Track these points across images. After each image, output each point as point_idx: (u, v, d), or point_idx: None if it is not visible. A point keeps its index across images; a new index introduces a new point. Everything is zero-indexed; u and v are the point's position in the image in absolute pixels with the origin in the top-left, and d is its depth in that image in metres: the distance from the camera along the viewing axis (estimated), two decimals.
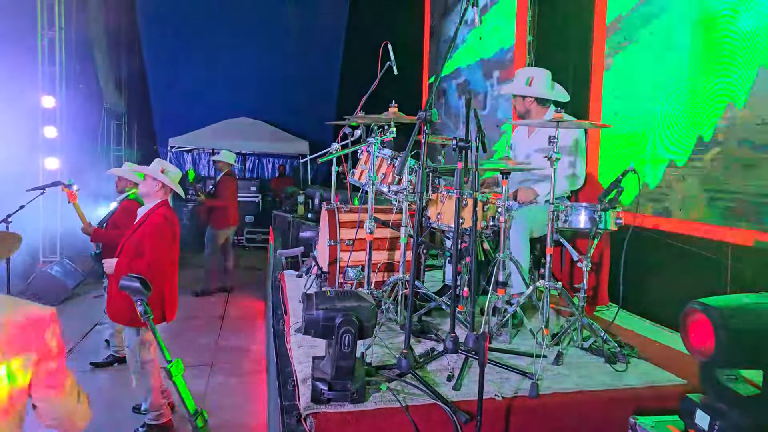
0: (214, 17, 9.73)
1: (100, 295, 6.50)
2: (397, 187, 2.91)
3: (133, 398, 4.14)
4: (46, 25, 8.47)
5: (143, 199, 3.77)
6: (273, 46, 9.95)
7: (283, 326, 3.08)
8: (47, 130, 8.08)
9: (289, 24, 9.80)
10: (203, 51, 9.99)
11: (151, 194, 3.70)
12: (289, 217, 6.60)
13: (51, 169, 7.89)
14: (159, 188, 3.73)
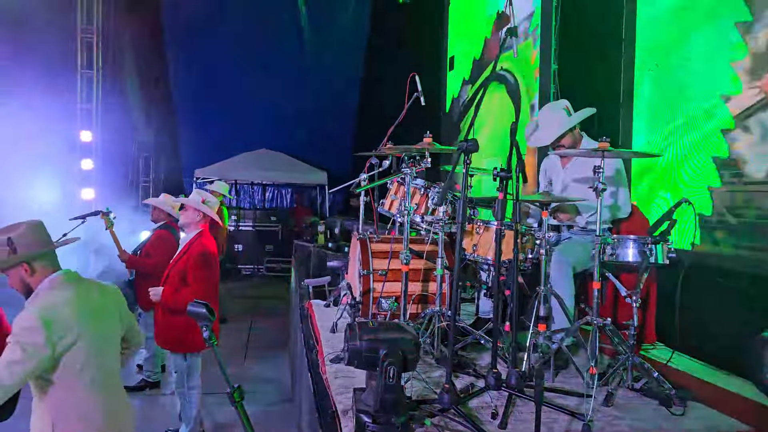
0: (235, 54, 9.92)
1: None
2: (431, 218, 2.77)
3: (168, 423, 4.00)
4: (84, 64, 8.64)
5: (184, 229, 3.70)
6: (293, 80, 10.07)
7: (316, 356, 2.91)
8: (84, 163, 8.16)
9: (308, 58, 9.94)
10: (226, 86, 10.16)
11: (192, 224, 3.67)
12: (309, 247, 6.47)
13: (87, 199, 7.93)
14: (200, 218, 3.70)
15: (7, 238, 2.03)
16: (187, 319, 3.50)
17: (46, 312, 1.97)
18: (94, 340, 2.09)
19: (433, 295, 2.83)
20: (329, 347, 2.99)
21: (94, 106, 8.66)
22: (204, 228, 3.74)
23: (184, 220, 3.72)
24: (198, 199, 3.72)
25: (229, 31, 9.61)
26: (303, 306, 4.01)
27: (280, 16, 9.74)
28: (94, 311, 2.12)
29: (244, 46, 9.44)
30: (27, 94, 6.73)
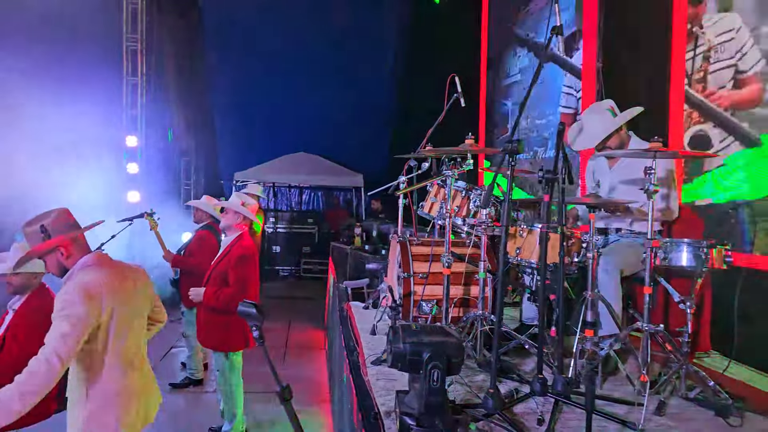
0: (273, 59, 10.11)
1: (177, 319, 6.61)
2: (473, 220, 2.76)
3: (211, 420, 4.12)
4: (130, 71, 9.01)
5: (225, 231, 3.80)
6: (330, 83, 10.20)
7: (357, 358, 2.94)
8: (130, 167, 8.50)
9: (345, 61, 10.04)
10: (264, 91, 10.36)
11: (232, 227, 3.75)
12: (346, 249, 6.54)
13: (133, 201, 8.24)
14: (240, 221, 3.79)
15: (40, 225, 2.16)
16: (228, 318, 3.63)
17: (85, 286, 2.10)
18: (125, 315, 2.22)
19: (474, 299, 2.82)
20: (370, 349, 3.02)
21: (138, 112, 9.02)
22: (244, 230, 3.84)
23: (224, 223, 3.82)
24: (237, 202, 3.83)
25: (267, 36, 9.83)
26: (342, 308, 4.06)
27: (316, 21, 9.88)
28: (125, 289, 2.24)
29: (281, 51, 9.63)
30: (77, 100, 7.07)
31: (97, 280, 2.14)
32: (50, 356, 1.95)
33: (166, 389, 4.81)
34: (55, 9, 6.88)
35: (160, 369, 5.33)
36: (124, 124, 8.83)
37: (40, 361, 1.95)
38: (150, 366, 2.52)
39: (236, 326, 3.66)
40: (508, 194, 2.21)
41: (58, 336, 1.99)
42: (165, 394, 4.66)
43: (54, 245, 2.15)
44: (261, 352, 4.52)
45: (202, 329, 3.83)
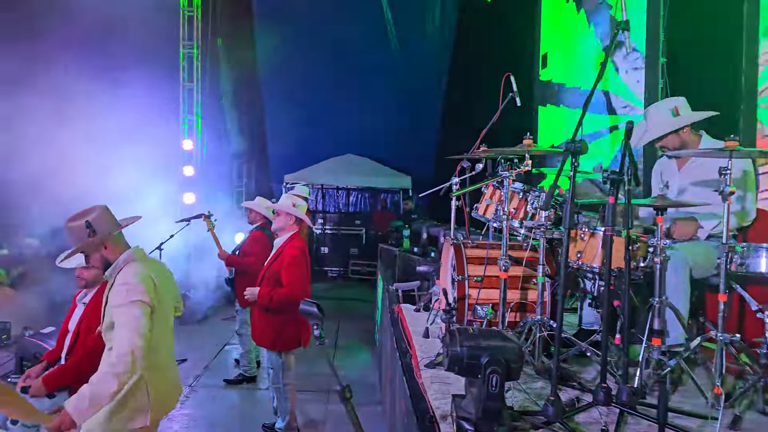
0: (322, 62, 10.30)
1: (232, 317, 6.88)
2: (531, 223, 2.72)
3: (264, 417, 4.26)
4: (186, 78, 9.44)
5: (279, 232, 3.89)
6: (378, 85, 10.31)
7: (410, 360, 2.96)
8: (186, 169, 8.90)
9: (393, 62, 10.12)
10: (313, 94, 10.59)
11: (285, 228, 3.85)
12: (395, 251, 6.57)
13: (188, 203, 8.62)
14: (292, 222, 3.88)
15: (85, 221, 2.30)
16: (281, 317, 3.73)
17: (140, 276, 2.28)
18: (163, 305, 2.39)
19: (532, 304, 2.77)
20: (423, 352, 3.03)
21: (194, 117, 9.44)
22: (296, 231, 3.92)
23: (277, 225, 3.90)
24: (288, 204, 3.90)
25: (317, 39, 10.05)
26: (392, 310, 4.09)
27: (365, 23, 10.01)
28: (161, 282, 2.39)
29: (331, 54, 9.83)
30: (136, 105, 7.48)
31: (148, 272, 2.32)
32: (131, 338, 2.12)
33: (221, 385, 5.01)
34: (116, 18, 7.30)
35: (214, 365, 5.56)
36: (180, 128, 9.27)
37: (123, 342, 2.13)
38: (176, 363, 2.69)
39: (290, 325, 3.76)
40: (570, 196, 2.17)
41: (132, 319, 2.17)
42: (220, 390, 4.90)
43: (100, 241, 2.30)
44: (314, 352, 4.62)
45: (256, 328, 3.94)
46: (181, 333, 6.36)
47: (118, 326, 2.18)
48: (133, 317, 2.17)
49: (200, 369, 5.43)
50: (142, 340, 2.15)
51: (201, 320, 7.20)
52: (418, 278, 4.26)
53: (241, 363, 5.16)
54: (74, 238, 2.33)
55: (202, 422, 4.27)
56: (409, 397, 2.51)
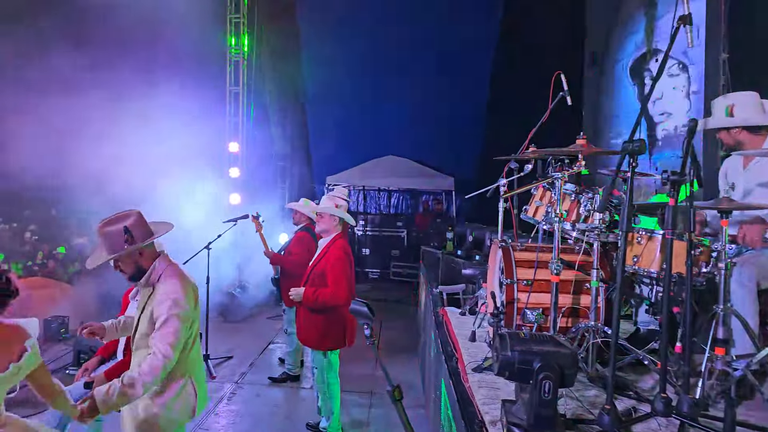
0: (364, 63, 10.39)
1: (277, 316, 7.05)
2: (584, 225, 2.65)
3: (308, 415, 4.35)
4: (232, 81, 9.75)
5: (323, 234, 3.95)
6: (420, 86, 10.32)
7: (456, 364, 2.94)
8: (232, 171, 9.19)
9: (436, 63, 10.10)
10: (355, 96, 10.70)
11: (330, 229, 3.90)
12: (438, 253, 6.54)
13: (234, 204, 8.89)
14: (336, 223, 3.93)
15: (124, 227, 2.31)
16: (326, 317, 3.79)
17: (185, 288, 2.37)
18: (198, 311, 2.49)
19: (585, 309, 2.70)
20: (470, 356, 3.01)
21: (240, 120, 9.73)
22: (340, 231, 3.97)
23: (321, 227, 3.94)
24: (331, 205, 3.95)
25: (358, 41, 10.16)
26: (437, 312, 4.08)
27: (406, 24, 10.04)
28: (196, 291, 2.51)
29: (372, 56, 9.92)
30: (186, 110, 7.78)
31: (191, 282, 2.43)
32: (167, 351, 2.26)
33: (266, 382, 5.14)
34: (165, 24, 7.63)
35: (259, 363, 5.70)
36: (226, 131, 9.58)
37: (157, 356, 2.26)
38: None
39: (335, 326, 3.81)
40: (628, 198, 2.11)
41: (172, 332, 2.29)
42: (264, 387, 5.01)
43: (136, 248, 2.32)
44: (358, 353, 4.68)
45: (301, 327, 4.01)
46: (226, 331, 6.64)
47: (159, 339, 2.29)
48: (174, 331, 2.29)
49: (246, 366, 5.58)
50: (177, 353, 2.30)
51: (246, 318, 7.40)
52: (463, 281, 4.23)
53: (287, 362, 5.27)
54: (109, 243, 2.32)
55: (248, 418, 4.40)
56: (457, 401, 2.50)
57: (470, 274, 4.02)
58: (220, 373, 5.35)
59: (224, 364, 5.61)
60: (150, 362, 2.26)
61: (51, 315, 6.40)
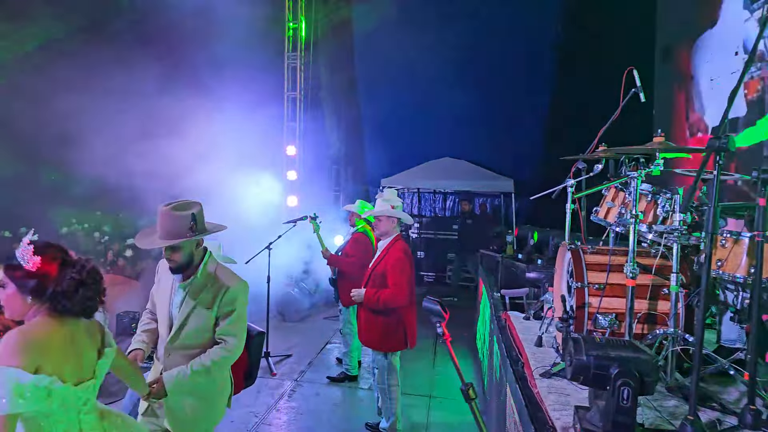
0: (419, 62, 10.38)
1: (335, 317, 7.20)
2: (662, 227, 2.56)
3: (365, 415, 4.43)
4: (289, 87, 10.07)
5: (382, 236, 4.01)
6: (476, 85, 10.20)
7: (522, 369, 2.92)
8: (289, 174, 9.49)
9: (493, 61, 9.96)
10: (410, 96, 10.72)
11: (389, 231, 3.96)
12: (497, 257, 6.46)
13: (291, 206, 9.18)
14: (395, 225, 3.98)
15: (191, 213, 2.39)
16: (388, 318, 3.85)
17: (244, 284, 2.55)
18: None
19: (662, 315, 2.61)
20: (537, 361, 2.98)
21: (297, 124, 10.04)
22: (399, 233, 4.02)
23: (380, 230, 3.99)
24: (387, 207, 4.00)
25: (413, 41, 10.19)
26: (499, 317, 4.04)
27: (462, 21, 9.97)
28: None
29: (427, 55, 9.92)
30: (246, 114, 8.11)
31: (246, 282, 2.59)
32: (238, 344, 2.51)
33: (324, 381, 5.27)
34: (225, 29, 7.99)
35: (317, 362, 5.85)
36: (284, 135, 9.91)
37: (229, 345, 2.48)
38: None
39: (396, 327, 3.86)
40: (713, 198, 2.03)
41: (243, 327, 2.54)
42: (323, 386, 5.14)
43: (200, 237, 2.43)
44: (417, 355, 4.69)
45: (362, 328, 4.08)
46: (285, 330, 6.86)
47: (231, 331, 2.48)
48: (243, 327, 2.53)
49: (304, 365, 5.75)
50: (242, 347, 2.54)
51: (304, 318, 7.61)
52: (526, 285, 4.17)
53: (344, 362, 5.38)
54: (172, 227, 2.36)
55: (308, 416, 4.53)
56: (525, 406, 2.48)
57: (534, 277, 3.96)
58: (280, 370, 5.53)
59: (284, 362, 5.80)
60: (220, 352, 2.45)
61: (122, 310, 6.83)
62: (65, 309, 1.74)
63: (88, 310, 1.80)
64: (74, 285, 1.74)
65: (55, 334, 1.72)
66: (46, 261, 1.74)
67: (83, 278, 1.76)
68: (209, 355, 2.44)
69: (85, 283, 1.76)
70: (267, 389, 5.03)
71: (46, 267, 1.74)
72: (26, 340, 1.64)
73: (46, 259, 1.74)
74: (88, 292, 1.77)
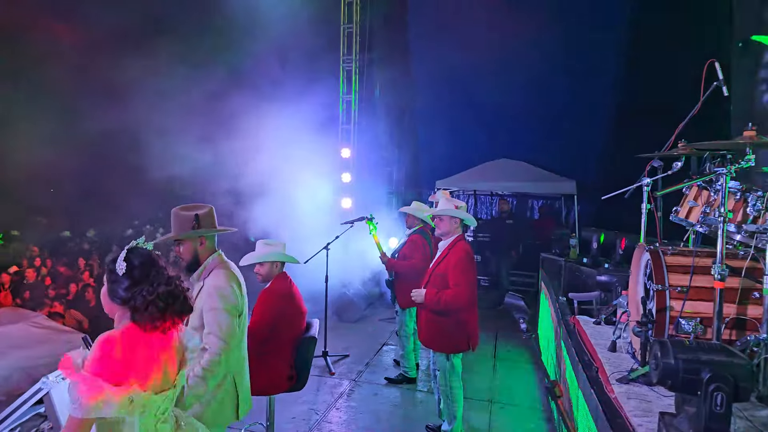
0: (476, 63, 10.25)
1: (391, 319, 7.26)
2: (753, 227, 2.43)
3: (425, 418, 4.44)
4: (344, 89, 10.25)
5: (444, 236, 4.01)
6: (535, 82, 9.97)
7: (596, 374, 2.84)
8: (344, 176, 9.66)
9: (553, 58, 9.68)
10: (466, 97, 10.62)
11: (450, 231, 3.95)
12: (560, 261, 6.31)
13: (346, 208, 9.33)
14: (457, 225, 3.97)
15: (194, 214, 2.60)
16: (449, 319, 3.84)
17: (233, 280, 2.58)
18: (244, 309, 2.65)
19: (753, 320, 2.47)
20: (612, 366, 2.90)
21: (352, 127, 10.20)
22: (461, 233, 4.00)
23: (441, 230, 3.98)
24: (450, 207, 3.99)
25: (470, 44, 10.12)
26: (567, 321, 3.95)
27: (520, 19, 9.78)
28: (242, 286, 2.68)
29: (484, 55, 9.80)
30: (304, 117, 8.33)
31: (235, 275, 2.63)
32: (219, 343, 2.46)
33: (382, 382, 5.32)
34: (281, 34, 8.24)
35: (374, 363, 5.91)
36: (339, 137, 10.10)
37: (212, 349, 2.45)
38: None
39: (457, 328, 3.84)
40: None
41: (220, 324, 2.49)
42: (381, 387, 5.19)
43: (199, 235, 2.60)
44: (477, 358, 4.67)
45: (423, 329, 4.08)
46: (342, 330, 6.97)
47: (209, 332, 2.47)
48: (224, 324, 2.48)
49: (362, 365, 5.82)
50: (231, 341, 2.49)
51: (360, 319, 7.71)
52: (595, 289, 4.06)
53: (402, 364, 5.40)
54: (178, 224, 2.61)
55: (367, 415, 4.58)
56: (602, 412, 2.42)
57: (605, 280, 3.84)
58: (338, 370, 5.63)
59: (341, 361, 5.90)
60: (207, 356, 2.44)
61: None
62: (149, 319, 1.75)
63: (172, 321, 1.81)
64: (159, 297, 1.76)
65: (142, 342, 1.75)
66: (134, 268, 1.78)
67: (169, 291, 1.79)
68: (199, 364, 2.45)
69: (171, 296, 1.79)
70: (326, 388, 5.14)
71: (133, 274, 1.78)
72: (114, 349, 1.68)
73: (134, 267, 1.78)
74: (174, 305, 1.79)
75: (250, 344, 3.17)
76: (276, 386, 3.54)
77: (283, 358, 3.60)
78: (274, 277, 3.72)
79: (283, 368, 3.59)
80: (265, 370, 3.44)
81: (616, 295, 3.64)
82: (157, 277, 1.80)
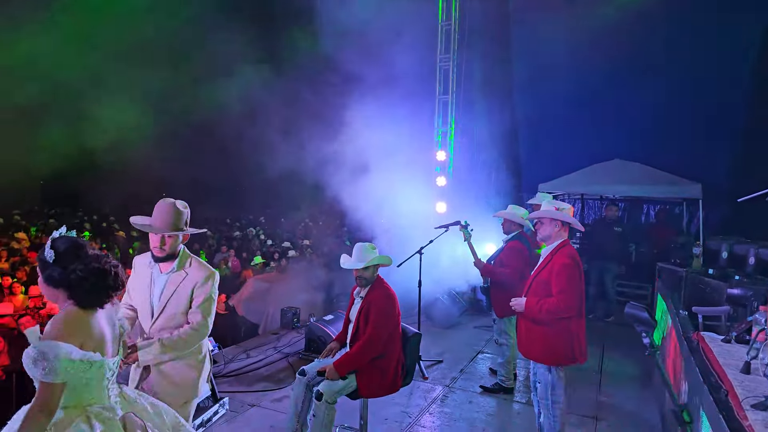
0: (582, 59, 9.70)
1: (487, 326, 7.11)
2: None
3: (523, 430, 4.29)
4: (441, 89, 10.21)
5: (545, 241, 3.84)
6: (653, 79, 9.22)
7: (725, 397, 2.55)
8: (439, 179, 9.61)
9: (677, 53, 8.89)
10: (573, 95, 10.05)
11: (553, 235, 3.77)
12: (681, 272, 5.79)
13: (440, 212, 9.28)
14: (559, 228, 3.78)
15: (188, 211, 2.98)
16: (552, 329, 3.65)
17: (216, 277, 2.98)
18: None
19: None
20: (746, 390, 2.59)
21: (448, 129, 10.14)
22: (566, 237, 3.79)
23: (543, 234, 3.80)
24: (551, 209, 3.79)
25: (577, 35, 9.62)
26: (689, 337, 3.60)
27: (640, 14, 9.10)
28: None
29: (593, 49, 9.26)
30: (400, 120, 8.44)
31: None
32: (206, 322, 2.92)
33: (477, 390, 5.20)
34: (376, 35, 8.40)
35: (468, 370, 5.81)
36: (434, 139, 10.08)
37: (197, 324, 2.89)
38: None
39: (561, 339, 3.64)
40: None
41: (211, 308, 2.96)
42: (476, 395, 5.08)
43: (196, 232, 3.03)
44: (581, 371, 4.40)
45: (522, 339, 3.92)
46: (435, 335, 6.94)
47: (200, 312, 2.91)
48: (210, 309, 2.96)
49: (456, 372, 5.75)
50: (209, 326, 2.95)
51: (454, 325, 7.63)
52: (724, 303, 3.65)
53: (499, 373, 5.24)
54: (177, 220, 2.93)
55: (461, 423, 4.51)
56: None
57: (738, 294, 3.44)
58: (431, 375, 5.61)
59: (435, 367, 5.87)
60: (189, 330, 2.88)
61: (286, 306, 7.56)
62: (86, 293, 2.05)
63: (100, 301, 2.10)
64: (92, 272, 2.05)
65: (87, 317, 2.07)
66: (62, 253, 2.08)
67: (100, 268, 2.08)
68: (178, 332, 2.86)
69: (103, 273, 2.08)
70: (419, 392, 5.14)
71: (63, 258, 2.06)
72: (71, 320, 2.02)
73: (61, 252, 2.08)
74: (99, 284, 2.07)
75: (375, 347, 3.61)
76: (395, 384, 3.77)
77: (398, 358, 3.79)
78: (374, 281, 3.84)
79: (398, 367, 3.77)
80: (380, 372, 3.67)
81: (752, 310, 3.25)
82: (87, 257, 2.09)
